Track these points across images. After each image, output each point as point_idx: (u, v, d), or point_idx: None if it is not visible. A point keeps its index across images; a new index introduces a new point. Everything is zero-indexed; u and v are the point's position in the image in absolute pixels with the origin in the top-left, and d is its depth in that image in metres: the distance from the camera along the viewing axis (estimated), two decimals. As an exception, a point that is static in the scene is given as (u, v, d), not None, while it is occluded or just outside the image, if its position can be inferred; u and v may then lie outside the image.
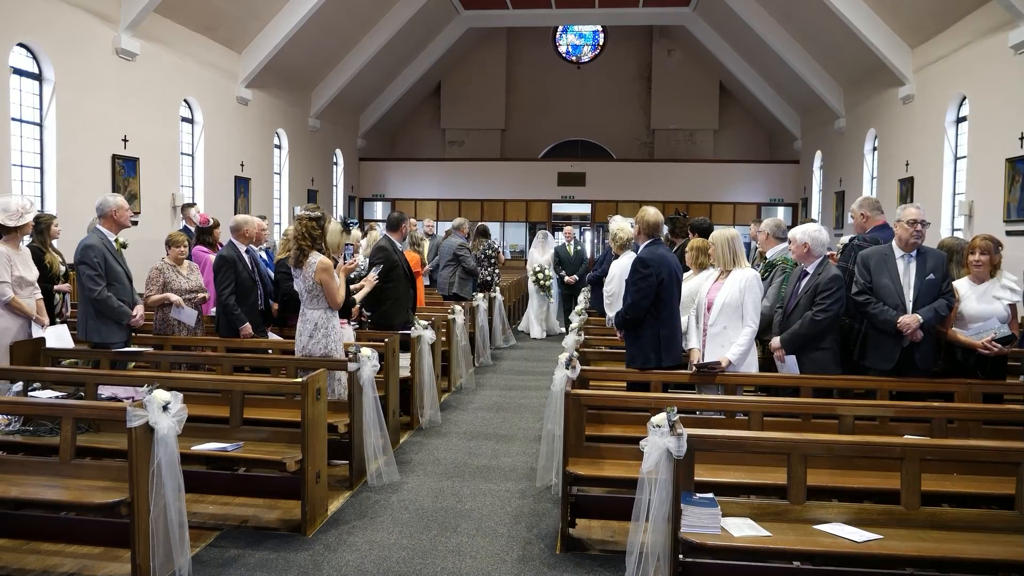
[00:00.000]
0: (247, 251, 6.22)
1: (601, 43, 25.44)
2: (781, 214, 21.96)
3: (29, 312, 5.44)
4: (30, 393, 4.97)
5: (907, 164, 13.75)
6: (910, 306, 4.85)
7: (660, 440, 3.29)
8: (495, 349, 11.05)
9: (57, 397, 4.92)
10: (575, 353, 5.06)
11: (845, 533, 3.17)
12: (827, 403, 4.35)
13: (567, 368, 4.72)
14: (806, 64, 16.80)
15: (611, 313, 6.21)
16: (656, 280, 4.98)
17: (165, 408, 3.61)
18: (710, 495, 3.30)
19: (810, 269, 5.06)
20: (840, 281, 4.92)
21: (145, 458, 3.55)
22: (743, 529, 3.20)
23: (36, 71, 10.05)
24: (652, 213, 5.36)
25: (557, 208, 23.62)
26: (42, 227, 6.72)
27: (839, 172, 17.77)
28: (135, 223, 11.65)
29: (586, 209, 23.12)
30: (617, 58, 25.10)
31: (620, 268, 6.89)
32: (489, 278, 11.10)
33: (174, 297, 6.10)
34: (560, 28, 25.24)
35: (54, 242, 7.12)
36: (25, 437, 4.57)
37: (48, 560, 3.94)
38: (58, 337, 5.64)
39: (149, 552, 3.56)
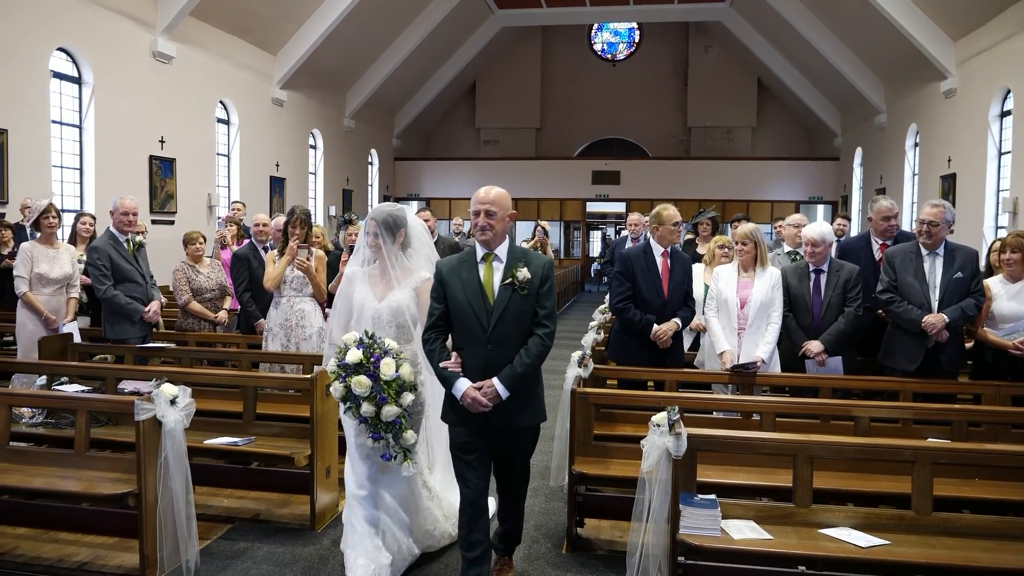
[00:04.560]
0: (264, 248, 6.33)
1: (637, 41, 25.25)
2: (820, 212, 21.53)
3: (40, 309, 5.66)
4: (56, 387, 5.10)
5: (949, 160, 13.36)
6: (936, 305, 4.70)
7: (659, 439, 3.23)
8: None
9: (81, 391, 5.05)
10: (588, 352, 5.00)
11: (851, 538, 3.08)
12: (842, 404, 4.22)
13: (579, 366, 4.68)
14: (845, 59, 16.43)
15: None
16: None
17: (173, 402, 3.68)
18: (711, 496, 3.23)
19: (824, 267, 4.96)
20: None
21: (153, 451, 3.61)
22: (744, 532, 3.13)
23: (76, 75, 10.36)
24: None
25: (591, 207, 23.53)
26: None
27: (880, 169, 17.35)
28: (172, 222, 11.96)
29: (621, 208, 22.95)
30: (653, 56, 24.87)
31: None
32: None
33: (221, 316, 6.37)
34: (595, 26, 25.11)
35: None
36: (48, 429, 4.71)
37: (64, 549, 4.04)
38: (72, 333, 5.81)
39: (156, 543, 3.63)
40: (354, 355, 3.35)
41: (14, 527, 4.20)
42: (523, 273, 3.22)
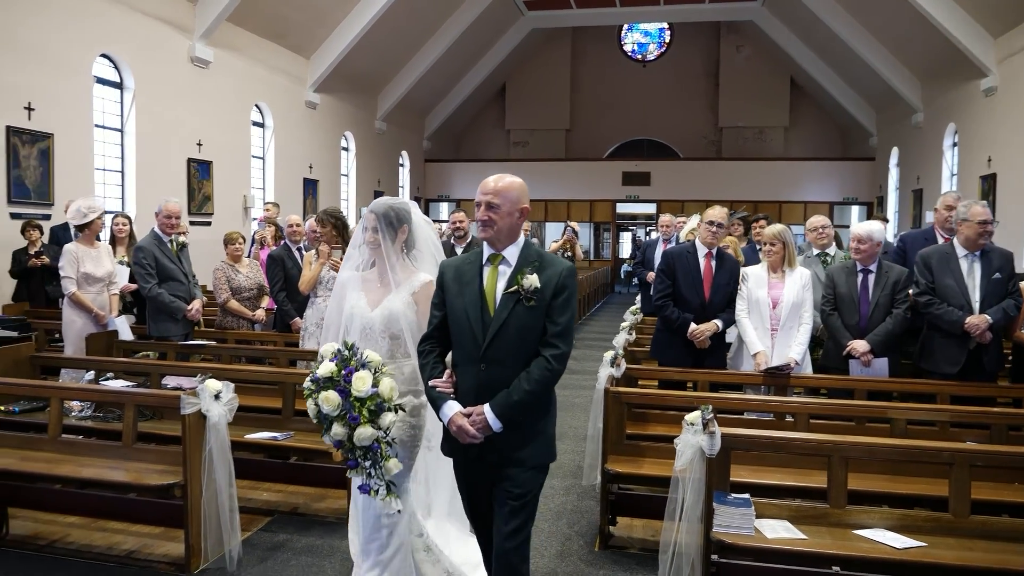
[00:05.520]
0: (298, 249, 6.47)
1: (667, 41, 25.14)
2: (855, 213, 21.25)
3: (89, 307, 5.87)
4: (103, 382, 5.27)
5: (989, 160, 13.10)
6: (976, 307, 4.66)
7: (693, 438, 3.26)
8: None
9: (127, 386, 5.20)
10: (620, 352, 5.04)
11: (886, 539, 3.08)
12: (877, 406, 4.20)
13: (611, 366, 4.72)
14: (881, 57, 16.19)
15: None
16: None
17: (217, 397, 3.79)
18: (745, 496, 3.25)
19: (873, 267, 4.94)
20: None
21: (197, 444, 3.73)
22: (778, 531, 3.15)
23: (117, 80, 10.62)
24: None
25: (621, 208, 23.47)
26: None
27: (917, 169, 17.07)
28: (208, 223, 12.21)
29: (651, 209, 22.86)
30: (684, 56, 24.75)
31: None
32: None
33: (259, 314, 6.52)
34: (625, 27, 25.05)
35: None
36: (96, 423, 4.86)
37: (113, 538, 4.19)
38: (120, 328, 5.98)
39: (201, 533, 3.75)
40: (326, 368, 2.88)
41: (66, 515, 4.37)
42: (531, 280, 2.64)
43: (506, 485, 2.71)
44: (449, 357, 2.85)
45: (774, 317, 4.94)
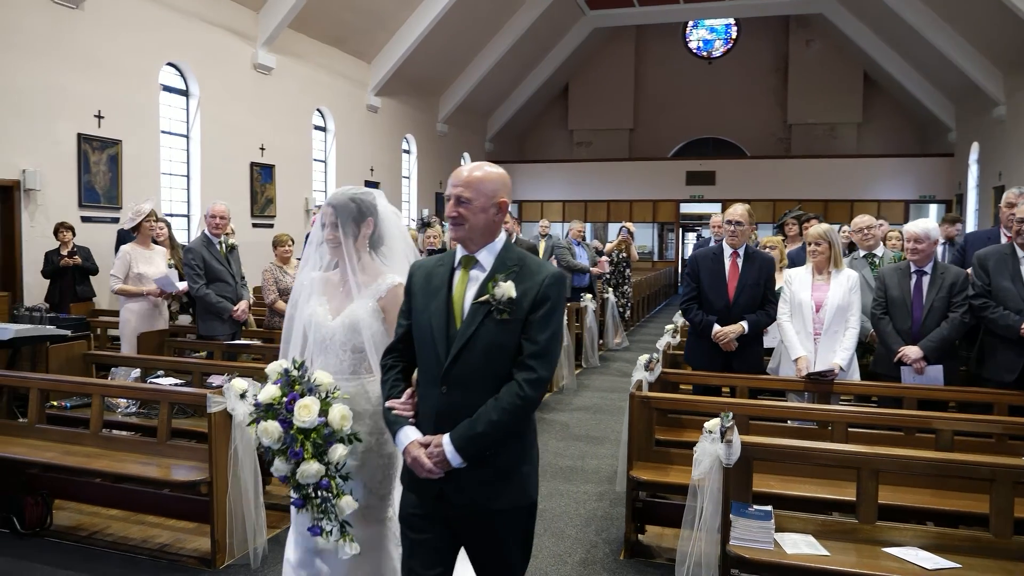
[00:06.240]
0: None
1: (734, 37, 24.54)
2: (933, 211, 20.26)
3: (140, 291, 6.16)
4: (153, 380, 5.46)
5: (1077, 154, 12.28)
6: (1035, 310, 4.35)
7: (711, 446, 3.14)
8: (607, 351, 10.93)
9: (175, 384, 5.38)
10: (657, 356, 4.91)
11: (917, 559, 2.88)
12: (920, 415, 3.95)
13: (645, 370, 4.61)
14: (959, 48, 15.38)
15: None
16: None
17: (242, 396, 3.86)
18: (767, 508, 3.10)
19: (928, 268, 4.68)
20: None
21: (223, 442, 3.81)
22: (799, 546, 2.99)
23: (183, 87, 11.04)
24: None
25: (685, 208, 23.04)
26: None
27: (999, 165, 16.14)
28: (271, 225, 12.55)
29: (716, 209, 22.33)
30: (751, 52, 24.10)
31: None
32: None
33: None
34: (691, 24, 24.58)
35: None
36: (140, 419, 5.04)
37: (148, 531, 4.33)
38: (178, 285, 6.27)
39: (226, 530, 3.82)
40: (268, 392, 2.48)
41: (108, 508, 4.53)
42: (503, 289, 2.20)
43: (484, 530, 2.28)
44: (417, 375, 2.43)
45: (817, 320, 4.73)
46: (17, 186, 8.46)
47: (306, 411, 2.42)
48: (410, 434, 2.28)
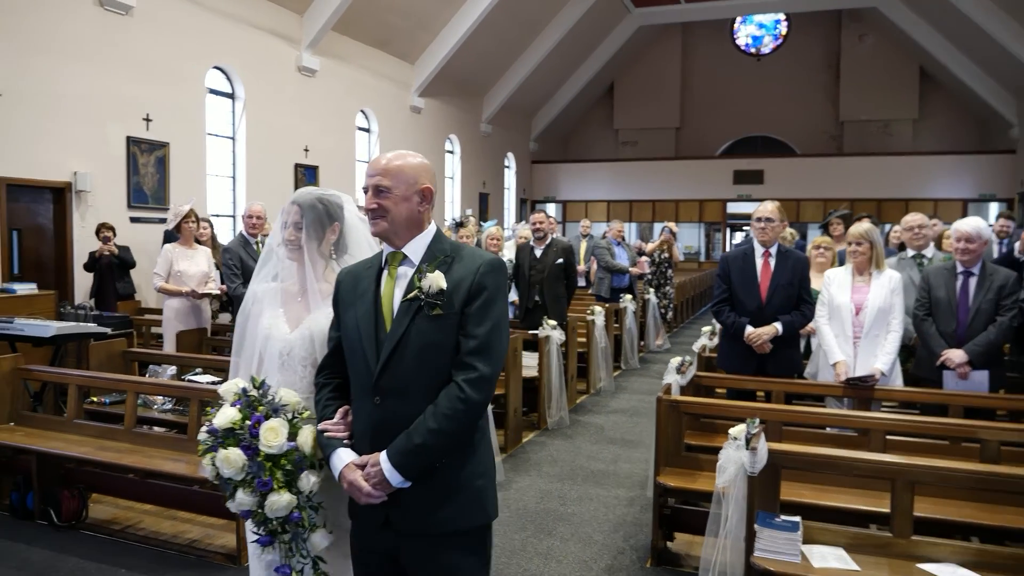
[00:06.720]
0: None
1: (784, 33, 24.00)
2: (993, 210, 19.48)
3: (180, 290, 6.28)
4: (190, 377, 5.56)
5: None
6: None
7: (735, 453, 3.03)
8: (647, 353, 10.78)
9: (212, 382, 5.46)
10: (690, 359, 4.78)
11: (954, 576, 2.74)
12: (964, 425, 3.76)
13: (677, 373, 4.50)
14: (1020, 39, 14.76)
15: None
16: None
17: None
18: (796, 519, 2.97)
19: (976, 270, 4.47)
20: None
21: (247, 440, 3.83)
22: (828, 560, 2.86)
23: (229, 90, 11.26)
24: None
25: (732, 207, 22.63)
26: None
27: (1064, 162, 15.45)
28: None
29: (764, 208, 21.86)
30: (801, 48, 23.55)
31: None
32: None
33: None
34: (739, 20, 24.13)
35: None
36: (176, 415, 5.13)
37: (179, 527, 4.39)
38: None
39: (250, 527, 3.84)
40: (226, 416, 2.21)
41: (142, 503, 4.62)
42: (431, 280, 2.00)
43: (434, 559, 2.02)
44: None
45: (856, 323, 4.54)
46: (69, 188, 8.74)
47: (274, 435, 2.16)
48: (343, 457, 2.05)
